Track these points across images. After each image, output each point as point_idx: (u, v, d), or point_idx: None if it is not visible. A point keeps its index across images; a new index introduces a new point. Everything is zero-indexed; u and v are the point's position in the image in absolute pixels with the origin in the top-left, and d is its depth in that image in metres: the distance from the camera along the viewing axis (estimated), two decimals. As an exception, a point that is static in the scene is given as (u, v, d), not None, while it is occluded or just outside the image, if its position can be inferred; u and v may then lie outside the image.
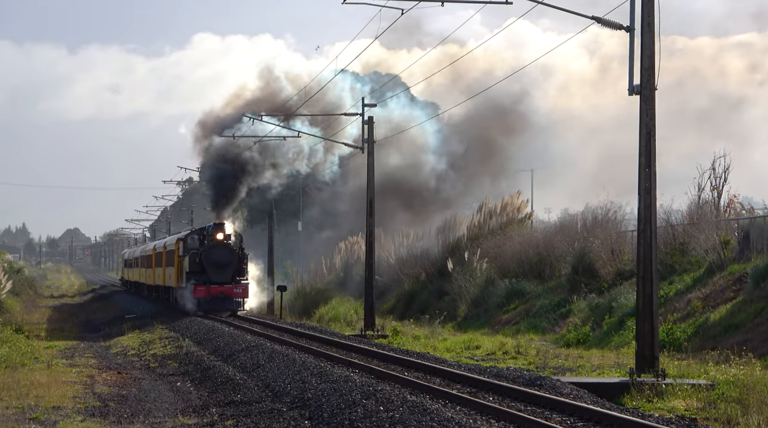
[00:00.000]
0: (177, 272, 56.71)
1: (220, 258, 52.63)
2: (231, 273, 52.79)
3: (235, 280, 52.90)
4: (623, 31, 26.27)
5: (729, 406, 21.17)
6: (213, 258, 52.58)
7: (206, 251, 52.98)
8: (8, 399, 24.12)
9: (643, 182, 25.75)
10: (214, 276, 52.50)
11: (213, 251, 52.75)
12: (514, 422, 18.41)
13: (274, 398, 23.41)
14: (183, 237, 56.45)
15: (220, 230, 53.27)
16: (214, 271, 52.47)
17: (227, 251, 52.91)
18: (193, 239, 54.96)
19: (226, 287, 52.51)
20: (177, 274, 56.78)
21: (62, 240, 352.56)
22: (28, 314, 61.38)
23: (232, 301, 52.70)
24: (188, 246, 54.64)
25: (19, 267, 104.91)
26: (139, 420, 21.77)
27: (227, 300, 52.54)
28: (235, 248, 53.31)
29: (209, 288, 52.42)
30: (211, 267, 52.48)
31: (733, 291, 35.06)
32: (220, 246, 52.82)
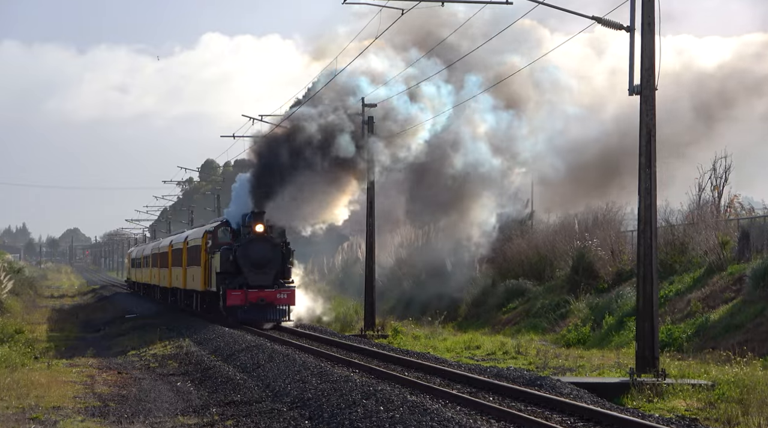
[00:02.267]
0: (204, 272, 47.44)
1: (260, 255, 42.61)
2: (273, 274, 42.80)
3: (278, 283, 42.75)
4: (623, 31, 26.27)
5: (729, 406, 21.17)
6: (251, 255, 42.60)
7: (242, 246, 42.83)
8: (8, 399, 24.12)
9: (643, 182, 25.75)
10: (252, 278, 42.52)
11: (251, 246, 42.69)
12: (514, 422, 18.40)
13: (274, 398, 23.40)
14: (212, 229, 46.75)
15: (260, 221, 42.91)
16: (252, 272, 42.58)
17: (269, 246, 42.81)
18: (224, 232, 45.76)
19: (267, 292, 42.21)
20: (204, 275, 47.54)
21: (62, 240, 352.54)
22: (28, 314, 61.34)
23: (275, 309, 42.56)
24: (219, 240, 45.43)
25: (20, 267, 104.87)
26: (139, 420, 21.76)
27: (269, 309, 42.44)
28: (278, 243, 43.25)
29: (246, 294, 42.15)
30: (249, 267, 42.60)
31: (732, 291, 35.06)
32: (259, 240, 42.68)
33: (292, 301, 42.58)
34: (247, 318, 42.13)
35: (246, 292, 42.11)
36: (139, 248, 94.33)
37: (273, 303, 42.35)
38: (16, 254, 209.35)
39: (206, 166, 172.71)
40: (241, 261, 42.59)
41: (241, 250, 42.73)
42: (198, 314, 50.25)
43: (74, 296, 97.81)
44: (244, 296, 42.11)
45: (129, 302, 72.25)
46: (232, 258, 42.82)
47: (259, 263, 42.46)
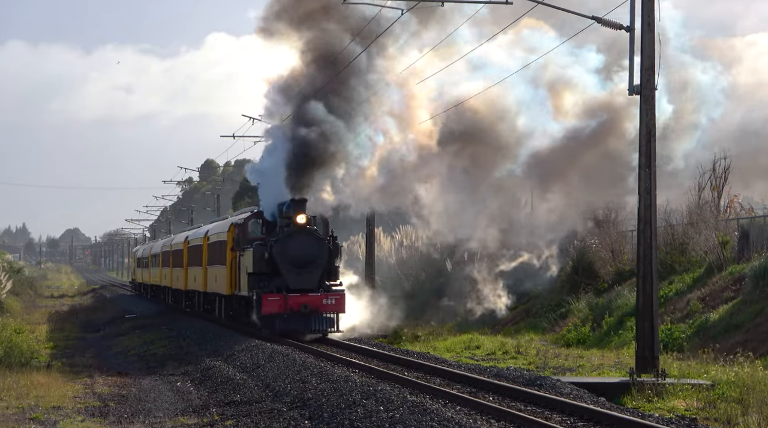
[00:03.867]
0: (230, 273, 40.42)
1: (303, 252, 35.34)
2: (318, 275, 35.51)
3: (324, 286, 35.52)
4: (623, 31, 26.28)
5: (729, 406, 21.17)
6: (292, 252, 35.32)
7: (281, 241, 35.45)
8: (8, 399, 24.12)
9: (643, 182, 25.76)
10: (292, 280, 35.24)
11: (291, 241, 35.33)
12: (514, 422, 18.40)
13: (274, 398, 23.41)
14: (240, 222, 39.54)
15: (302, 211, 35.46)
16: (292, 272, 35.31)
17: (313, 240, 35.52)
18: (255, 225, 38.85)
19: (311, 297, 34.99)
20: (230, 276, 40.47)
21: (62, 240, 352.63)
22: (28, 314, 61.33)
23: (321, 318, 35.24)
24: (249, 235, 38.59)
25: (19, 267, 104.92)
26: (139, 420, 21.77)
27: (314, 317, 35.16)
28: (323, 237, 36.12)
29: (286, 299, 34.86)
30: (289, 266, 35.33)
31: (732, 291, 35.06)
32: (302, 234, 35.41)
33: (341, 308, 35.21)
34: (286, 329, 34.93)
35: (285, 297, 34.78)
36: (146, 246, 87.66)
37: (318, 311, 35.02)
38: (16, 254, 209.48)
39: (206, 166, 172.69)
40: (279, 259, 35.34)
41: (279, 246, 35.39)
42: (222, 321, 43.89)
43: (74, 296, 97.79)
44: (283, 303, 34.75)
45: (136, 306, 72.12)
46: (267, 256, 35.67)
47: (301, 262, 35.26)
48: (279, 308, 34.87)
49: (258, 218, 38.85)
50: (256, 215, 39.20)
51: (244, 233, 38.82)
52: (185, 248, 54.48)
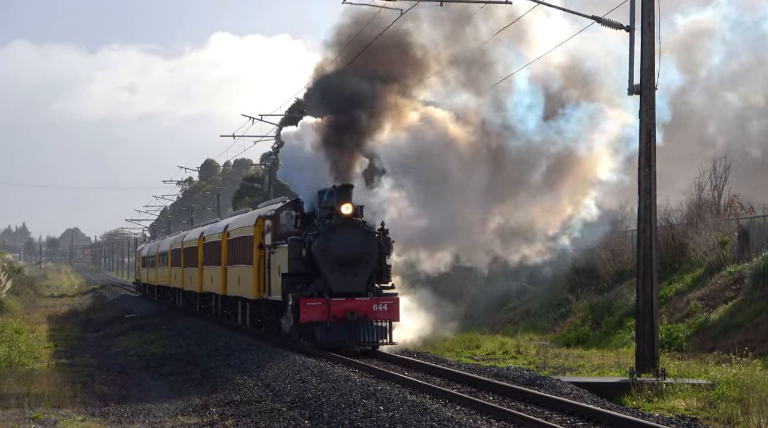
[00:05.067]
0: (258, 273, 35.28)
1: (349, 249, 30.29)
2: (367, 276, 30.44)
3: (374, 289, 30.50)
4: (623, 30, 26.27)
5: (729, 406, 21.17)
6: (335, 249, 30.30)
7: (322, 236, 30.40)
8: (8, 399, 24.12)
9: (643, 182, 25.76)
10: (336, 282, 30.22)
11: (335, 236, 30.31)
12: (514, 422, 18.41)
13: (274, 398, 23.41)
14: (270, 214, 33.93)
15: (347, 200, 30.39)
16: (337, 273, 30.29)
17: (361, 235, 30.44)
18: (289, 217, 33.61)
19: (359, 302, 29.98)
20: (258, 277, 35.34)
21: (62, 240, 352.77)
22: (28, 314, 61.33)
23: (370, 327, 30.10)
24: (281, 229, 33.30)
25: (19, 267, 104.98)
26: (139, 420, 21.77)
27: (362, 326, 30.02)
28: (373, 231, 30.81)
29: (329, 304, 29.80)
30: (332, 266, 30.27)
31: (732, 291, 35.06)
32: (348, 227, 30.31)
33: (394, 315, 30.14)
34: (330, 341, 29.84)
35: (329, 302, 29.73)
36: (152, 244, 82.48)
37: (367, 318, 29.94)
38: (16, 254, 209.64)
39: (206, 166, 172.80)
40: (321, 258, 30.28)
41: (320, 241, 30.29)
42: (245, 329, 39.01)
43: (74, 296, 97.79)
44: (325, 309, 29.70)
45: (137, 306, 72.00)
46: (305, 253, 30.70)
47: (346, 261, 30.21)
48: (320, 315, 29.71)
49: (293, 209, 33.52)
50: (292, 205, 33.80)
51: (275, 226, 33.29)
52: (200, 245, 49.70)
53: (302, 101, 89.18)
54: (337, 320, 29.85)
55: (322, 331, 29.90)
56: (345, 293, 30.11)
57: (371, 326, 30.07)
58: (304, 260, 30.88)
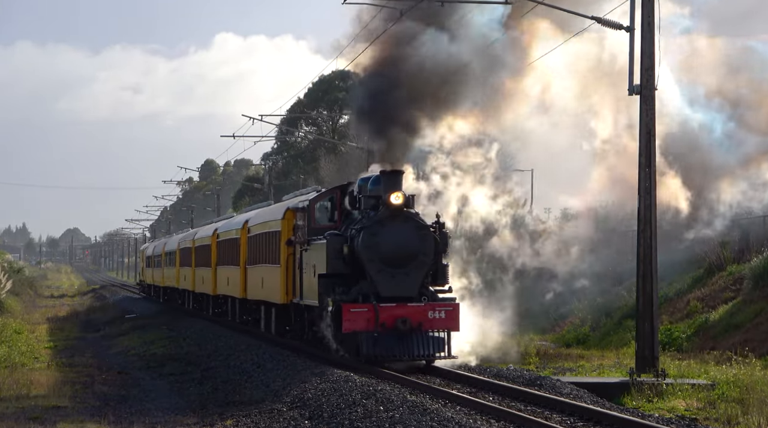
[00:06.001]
0: (286, 274, 31.15)
1: (400, 246, 25.94)
2: (421, 278, 26.18)
3: (428, 293, 26.27)
4: (623, 31, 26.28)
5: (729, 406, 21.18)
6: (384, 246, 25.95)
7: (368, 230, 26.09)
8: (8, 399, 24.12)
9: (643, 182, 25.77)
10: (384, 285, 25.92)
11: (383, 230, 26.01)
12: (514, 422, 18.41)
13: (274, 398, 23.40)
14: (302, 205, 29.31)
15: (396, 189, 25.96)
16: (385, 274, 26.01)
17: (413, 230, 26.12)
18: (323, 210, 29.12)
19: (412, 309, 25.68)
20: (285, 279, 31.24)
21: (62, 240, 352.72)
22: (28, 314, 61.34)
23: (425, 338, 25.69)
24: (316, 223, 28.84)
25: (19, 267, 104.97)
26: (139, 420, 21.76)
27: (415, 337, 25.64)
28: (427, 224, 26.55)
29: (376, 311, 25.50)
30: (379, 265, 25.99)
31: (732, 291, 35.08)
32: (397, 220, 26.01)
33: (453, 324, 25.84)
34: (378, 354, 25.58)
35: (376, 308, 25.47)
36: (158, 242, 77.96)
37: (422, 327, 25.66)
38: (16, 254, 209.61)
39: (206, 166, 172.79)
40: (366, 256, 25.96)
41: (366, 237, 25.99)
42: (269, 338, 34.65)
43: (74, 296, 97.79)
44: (372, 316, 25.45)
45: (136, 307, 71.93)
46: (347, 251, 26.42)
47: (397, 259, 25.93)
48: (366, 324, 25.48)
49: (327, 200, 29.11)
50: (328, 194, 29.23)
51: (309, 219, 28.76)
52: (214, 242, 45.53)
53: (303, 101, 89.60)
54: (386, 329, 25.50)
55: (368, 342, 25.43)
56: (394, 298, 25.78)
57: (426, 336, 25.67)
58: (345, 259, 26.45)
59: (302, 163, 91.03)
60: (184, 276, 55.77)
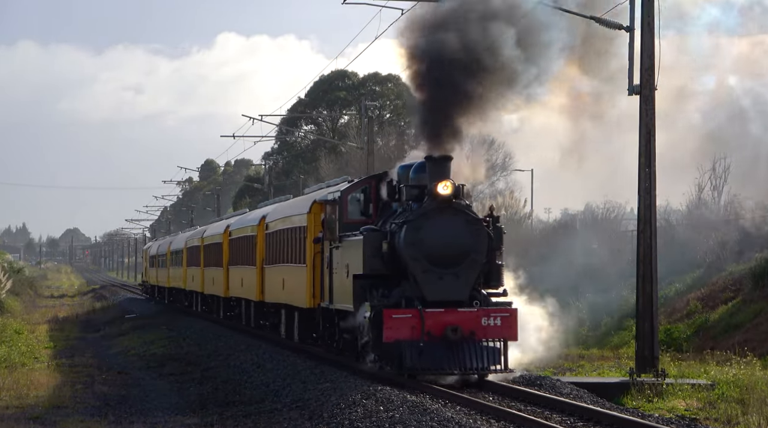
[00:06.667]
0: (312, 275, 28.38)
1: (449, 243, 22.84)
2: (472, 279, 23.11)
3: (480, 297, 23.21)
4: (623, 31, 26.28)
5: (729, 406, 21.18)
6: (430, 243, 22.83)
7: (412, 225, 22.91)
8: (8, 399, 24.12)
9: (643, 182, 25.77)
10: (431, 287, 22.82)
11: (429, 225, 22.87)
12: (514, 422, 18.40)
13: (274, 398, 23.40)
14: (333, 198, 26.20)
15: (444, 177, 22.87)
16: (431, 275, 22.91)
17: (464, 224, 22.97)
18: (355, 202, 25.91)
19: (462, 315, 22.65)
20: (312, 280, 28.39)
21: (62, 240, 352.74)
22: (28, 314, 61.35)
23: (478, 348, 22.59)
24: (348, 216, 25.74)
25: (19, 267, 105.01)
26: (139, 420, 21.76)
27: (467, 347, 22.51)
28: (479, 218, 23.32)
29: (422, 317, 22.44)
30: (425, 265, 22.90)
31: (732, 291, 35.09)
32: (446, 213, 22.91)
33: (510, 332, 22.84)
34: (424, 366, 22.44)
35: (422, 314, 22.40)
36: (162, 241, 74.74)
37: (474, 337, 22.59)
38: (16, 254, 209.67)
39: (206, 166, 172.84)
40: (410, 254, 22.84)
41: (409, 232, 22.86)
42: (290, 344, 31.98)
43: (74, 296, 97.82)
44: (418, 323, 22.38)
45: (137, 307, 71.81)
46: (387, 248, 23.29)
47: (446, 258, 22.83)
48: (411, 332, 22.37)
49: (360, 191, 25.92)
50: (362, 185, 26.12)
51: (341, 213, 25.64)
52: (226, 240, 42.75)
53: (304, 101, 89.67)
54: (433, 338, 22.40)
55: (412, 353, 22.28)
56: (442, 303, 22.72)
57: (479, 347, 22.58)
58: (384, 258, 23.28)
59: (302, 163, 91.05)
60: (191, 277, 52.98)
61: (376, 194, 25.73)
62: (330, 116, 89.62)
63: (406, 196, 23.77)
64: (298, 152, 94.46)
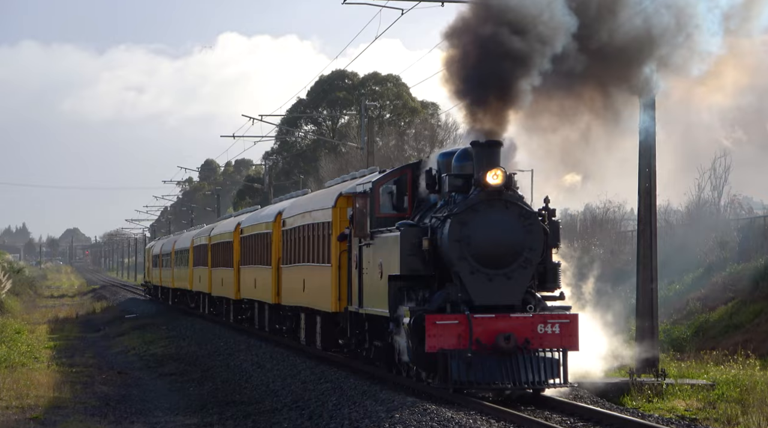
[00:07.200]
0: (337, 276, 26.14)
1: (501, 240, 20.52)
2: (526, 281, 20.75)
3: (534, 300, 20.84)
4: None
5: (729, 406, 21.18)
6: (479, 239, 20.45)
7: (457, 219, 20.49)
8: (8, 399, 24.12)
9: (643, 182, 25.77)
10: (479, 290, 20.49)
11: (477, 219, 20.51)
12: (514, 422, 18.38)
13: (274, 398, 23.40)
14: (362, 190, 23.76)
15: (494, 165, 20.46)
16: (479, 275, 20.55)
17: (518, 219, 20.59)
18: (388, 193, 23.51)
19: (516, 321, 20.35)
20: (337, 281, 26.13)
21: (62, 240, 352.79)
22: (28, 314, 61.35)
23: (534, 360, 20.24)
24: (381, 211, 23.28)
25: (20, 267, 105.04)
26: (139, 420, 21.77)
27: (521, 358, 20.16)
28: (534, 211, 20.92)
29: (470, 324, 20.10)
30: (473, 264, 20.52)
31: (732, 292, 35.09)
32: (496, 206, 20.56)
33: (570, 341, 20.42)
34: (473, 380, 20.01)
35: (470, 321, 20.03)
36: (166, 240, 72.38)
37: (529, 346, 20.21)
38: (15, 254, 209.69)
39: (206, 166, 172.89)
40: (455, 252, 20.42)
41: (454, 227, 20.42)
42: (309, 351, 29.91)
43: (74, 296, 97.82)
44: (465, 331, 20.00)
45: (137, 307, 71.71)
46: (428, 246, 20.85)
47: (496, 257, 20.44)
48: (457, 341, 20.03)
49: (393, 182, 23.53)
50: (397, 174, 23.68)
51: (372, 207, 23.16)
52: (236, 239, 40.59)
53: (304, 100, 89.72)
54: (483, 348, 20.03)
55: (460, 365, 19.91)
56: (492, 307, 20.38)
57: (535, 358, 20.20)
58: (425, 256, 20.90)
59: (302, 163, 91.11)
60: (198, 277, 50.44)
61: (412, 185, 23.24)
62: (330, 115, 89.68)
63: (449, 187, 21.16)
64: (298, 152, 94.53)
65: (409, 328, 20.43)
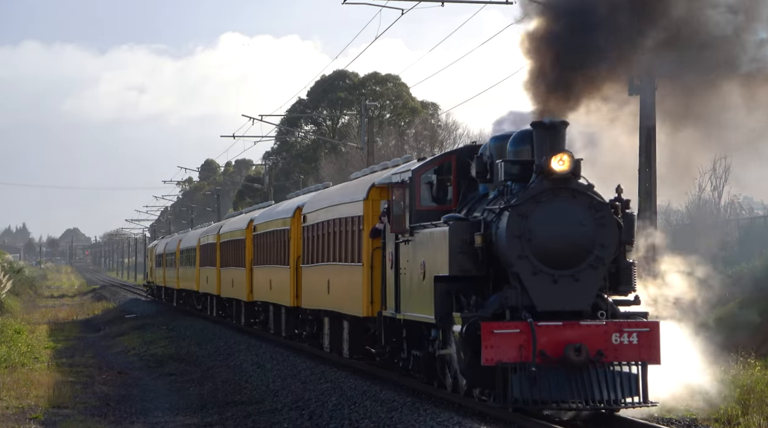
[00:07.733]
0: (369, 277, 23.84)
1: (568, 235, 17.67)
2: (597, 283, 17.88)
3: (606, 306, 17.94)
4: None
5: (729, 406, 21.17)
6: (542, 235, 17.63)
7: (516, 211, 17.62)
8: (8, 399, 24.11)
9: (643, 182, 25.77)
10: (541, 293, 17.64)
11: (540, 211, 17.67)
12: (514, 422, 18.36)
13: (274, 398, 23.41)
14: (400, 180, 21.49)
15: (560, 148, 17.63)
16: (543, 277, 17.71)
17: (588, 211, 17.70)
18: (428, 183, 20.91)
19: (587, 330, 17.38)
20: (369, 283, 23.82)
21: (62, 240, 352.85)
22: (28, 314, 61.35)
23: (608, 375, 17.26)
24: (422, 204, 20.57)
25: (20, 267, 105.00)
26: (139, 420, 21.77)
27: (593, 373, 17.19)
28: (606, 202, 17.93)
29: (533, 332, 17.13)
30: (535, 264, 17.69)
31: (732, 292, 35.07)
32: (562, 195, 17.71)
33: (651, 353, 17.73)
34: (537, 398, 17.19)
35: (533, 329, 17.28)
36: (171, 238, 69.72)
37: (602, 359, 17.45)
38: (15, 254, 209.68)
39: (206, 166, 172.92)
40: (514, 250, 17.78)
41: (513, 221, 17.77)
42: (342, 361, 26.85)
43: (74, 296, 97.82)
44: (528, 341, 17.28)
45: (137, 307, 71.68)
46: (481, 242, 18.16)
47: (562, 257, 17.82)
48: (518, 352, 17.29)
49: (433, 172, 20.94)
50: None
51: (411, 198, 20.44)
52: (249, 236, 38.21)
53: (304, 100, 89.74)
54: (549, 361, 17.28)
55: (522, 381, 17.16)
56: (558, 314, 17.70)
57: (610, 372, 17.44)
58: (477, 255, 18.18)
59: (302, 163, 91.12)
60: (206, 278, 47.86)
61: (457, 174, 20.50)
62: (330, 115, 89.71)
63: (504, 175, 18.39)
64: (298, 152, 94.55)
65: (461, 338, 17.65)
